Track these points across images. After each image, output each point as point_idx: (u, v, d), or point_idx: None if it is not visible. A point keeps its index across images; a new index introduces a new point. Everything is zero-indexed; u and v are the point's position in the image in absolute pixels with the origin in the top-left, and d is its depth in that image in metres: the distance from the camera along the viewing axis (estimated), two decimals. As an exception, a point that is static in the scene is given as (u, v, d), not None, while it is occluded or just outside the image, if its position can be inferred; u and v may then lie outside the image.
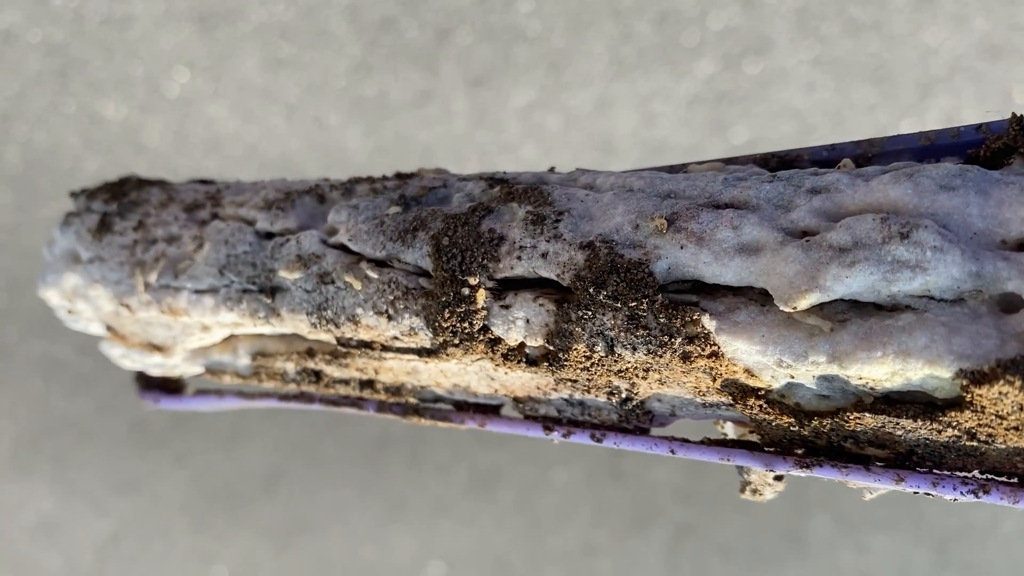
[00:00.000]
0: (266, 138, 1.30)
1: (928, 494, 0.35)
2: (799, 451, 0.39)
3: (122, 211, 0.53)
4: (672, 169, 0.44)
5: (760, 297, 0.36)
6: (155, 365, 0.57)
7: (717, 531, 1.50)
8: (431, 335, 0.43)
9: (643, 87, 1.24)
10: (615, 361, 0.38)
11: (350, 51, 1.26)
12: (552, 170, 0.46)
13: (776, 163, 0.42)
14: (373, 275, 0.43)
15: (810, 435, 0.37)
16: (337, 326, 0.45)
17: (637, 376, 0.39)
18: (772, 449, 0.39)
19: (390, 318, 0.43)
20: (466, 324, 0.41)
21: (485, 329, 0.41)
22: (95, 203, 0.55)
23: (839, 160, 0.40)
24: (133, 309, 0.52)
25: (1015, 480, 0.35)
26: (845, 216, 0.35)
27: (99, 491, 1.58)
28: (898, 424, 0.34)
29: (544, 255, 0.39)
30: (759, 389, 0.37)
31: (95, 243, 0.53)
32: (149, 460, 1.55)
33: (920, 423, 0.33)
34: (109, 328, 0.56)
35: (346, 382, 0.51)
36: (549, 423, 0.46)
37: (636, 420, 0.43)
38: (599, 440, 0.44)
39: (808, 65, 1.22)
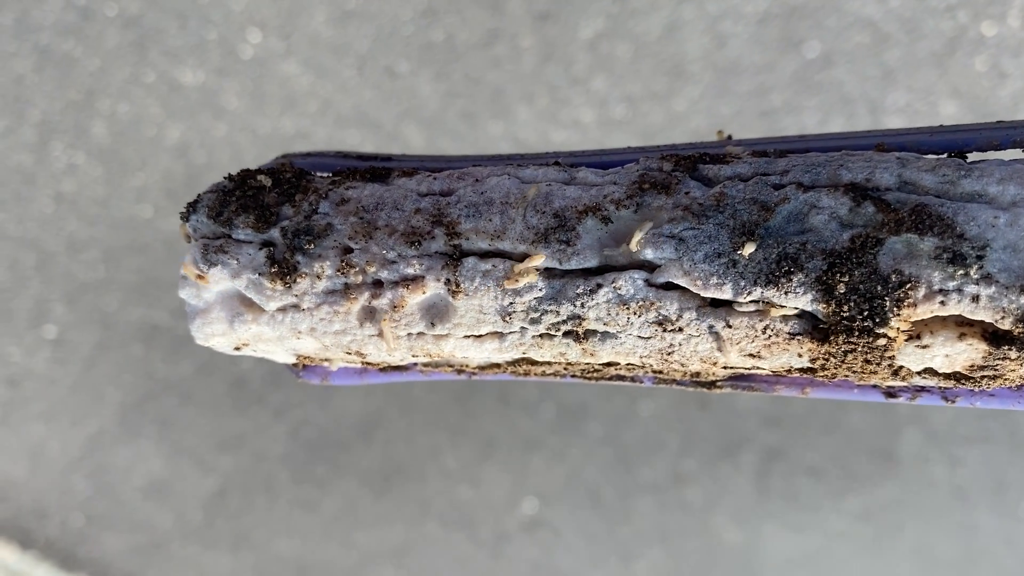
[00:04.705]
0: (340, 92, 1.32)
1: None
2: None
3: (300, 246, 0.44)
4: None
5: None
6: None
7: (806, 453, 1.51)
8: (817, 367, 0.41)
9: (712, 7, 1.22)
10: None
11: (416, -4, 1.26)
12: (885, 150, 0.42)
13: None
14: (741, 323, 0.40)
15: None
16: (684, 366, 0.43)
17: None
18: None
19: (760, 358, 0.41)
20: (872, 366, 0.40)
21: (891, 364, 0.40)
22: (238, 231, 0.45)
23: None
24: (366, 354, 0.46)
25: None
26: None
27: (203, 449, 1.65)
28: None
29: (975, 298, 0.37)
30: None
31: (282, 290, 0.44)
32: (249, 416, 1.61)
33: None
34: (299, 355, 0.49)
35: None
36: (892, 389, 0.45)
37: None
38: (951, 401, 0.44)
39: (881, -31, 1.18)
